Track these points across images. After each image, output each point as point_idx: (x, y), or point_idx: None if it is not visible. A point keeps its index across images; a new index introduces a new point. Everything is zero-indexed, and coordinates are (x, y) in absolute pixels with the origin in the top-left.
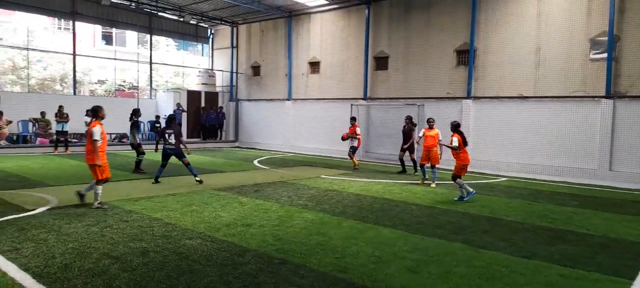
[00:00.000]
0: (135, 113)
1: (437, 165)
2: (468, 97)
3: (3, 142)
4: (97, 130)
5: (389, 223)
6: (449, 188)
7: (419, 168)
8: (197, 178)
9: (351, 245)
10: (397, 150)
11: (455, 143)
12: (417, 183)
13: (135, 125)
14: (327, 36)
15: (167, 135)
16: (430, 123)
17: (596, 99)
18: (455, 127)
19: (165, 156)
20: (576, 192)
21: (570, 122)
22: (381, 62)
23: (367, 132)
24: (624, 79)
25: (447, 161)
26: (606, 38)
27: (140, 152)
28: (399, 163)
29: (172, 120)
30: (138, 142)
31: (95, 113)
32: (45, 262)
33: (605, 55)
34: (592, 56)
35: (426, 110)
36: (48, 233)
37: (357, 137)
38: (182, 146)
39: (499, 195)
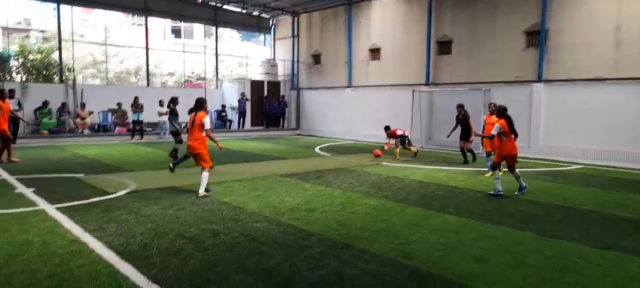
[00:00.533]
0: (173, 101)
1: (490, 152)
2: (539, 80)
3: (86, 131)
4: (207, 119)
5: (453, 211)
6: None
7: (484, 157)
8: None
9: (415, 232)
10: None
11: (495, 130)
12: (484, 172)
13: (173, 113)
14: (387, 22)
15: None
16: (492, 108)
17: None
18: (502, 112)
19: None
20: None
21: None
22: (444, 47)
23: (429, 118)
24: None
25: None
26: None
27: (177, 141)
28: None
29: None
30: (176, 129)
31: (201, 105)
32: (127, 241)
33: None
34: None
35: (493, 94)
36: (128, 214)
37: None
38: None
39: (572, 183)
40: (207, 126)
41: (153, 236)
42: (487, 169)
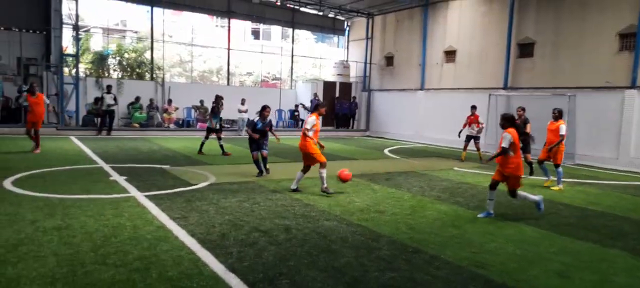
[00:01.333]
0: (217, 99)
1: (560, 163)
2: (633, 86)
3: (172, 126)
4: (311, 120)
5: (531, 222)
6: (604, 189)
7: (539, 166)
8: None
9: (489, 241)
10: (540, 143)
11: (505, 143)
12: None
13: (213, 111)
14: (465, 23)
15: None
16: (555, 114)
17: None
18: (509, 121)
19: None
20: None
21: None
22: (526, 49)
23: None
24: None
25: (603, 160)
26: None
27: (219, 138)
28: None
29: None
30: (215, 127)
31: (317, 107)
32: (207, 230)
33: None
34: None
35: (578, 101)
36: (208, 205)
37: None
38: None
39: None
40: (307, 125)
41: (230, 227)
42: (546, 178)
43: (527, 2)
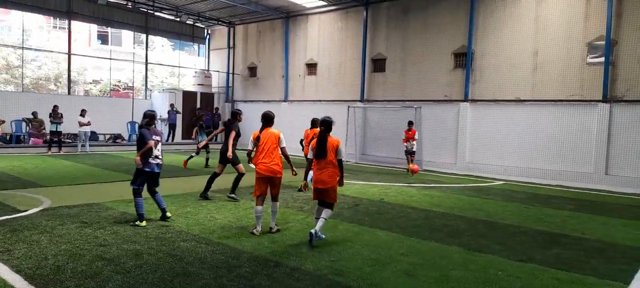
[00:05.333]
0: (199, 118)
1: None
2: (465, 100)
3: None
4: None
5: (385, 226)
6: (446, 192)
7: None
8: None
9: (347, 248)
10: (393, 152)
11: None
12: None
13: (200, 128)
14: (324, 37)
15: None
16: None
17: (593, 103)
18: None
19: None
20: (572, 195)
21: (567, 126)
22: (379, 64)
23: (363, 134)
24: (621, 83)
25: (444, 165)
26: (603, 42)
27: (206, 151)
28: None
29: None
30: (200, 142)
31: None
32: (38, 264)
33: (602, 59)
34: (589, 60)
35: (423, 113)
36: (41, 234)
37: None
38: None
39: (495, 198)
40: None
41: (68, 258)
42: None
43: (378, 20)
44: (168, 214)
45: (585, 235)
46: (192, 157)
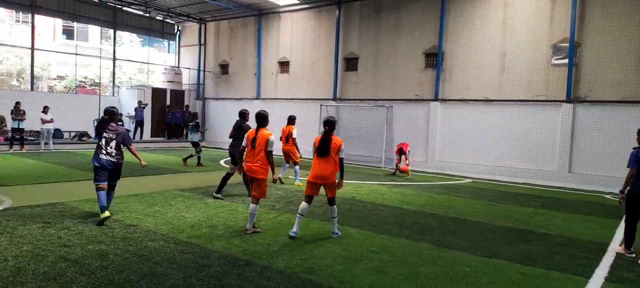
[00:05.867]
0: (194, 116)
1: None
2: (436, 99)
3: None
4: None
5: (356, 224)
6: (417, 190)
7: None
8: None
9: (318, 246)
10: (365, 151)
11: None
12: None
13: (195, 127)
14: (297, 36)
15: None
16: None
17: (557, 103)
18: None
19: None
20: (537, 193)
21: (533, 125)
22: (351, 63)
23: (336, 132)
24: (584, 84)
25: (415, 163)
26: (567, 44)
27: (198, 150)
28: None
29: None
30: (196, 141)
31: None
32: None
33: (566, 61)
34: (554, 62)
35: (395, 112)
36: (0, 235)
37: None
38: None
39: (464, 196)
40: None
41: (29, 259)
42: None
43: (351, 19)
44: (106, 214)
45: (549, 231)
46: (191, 156)
